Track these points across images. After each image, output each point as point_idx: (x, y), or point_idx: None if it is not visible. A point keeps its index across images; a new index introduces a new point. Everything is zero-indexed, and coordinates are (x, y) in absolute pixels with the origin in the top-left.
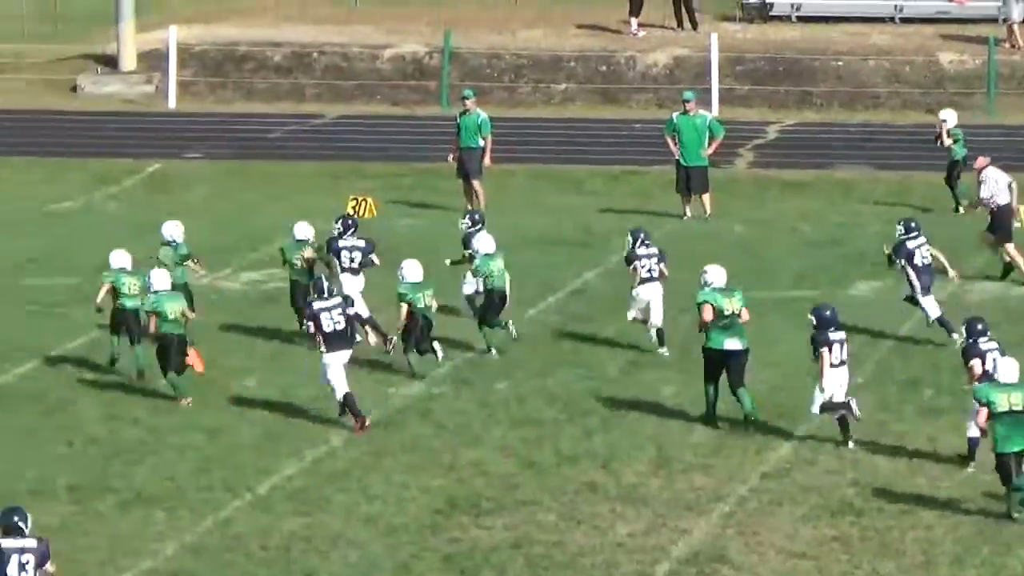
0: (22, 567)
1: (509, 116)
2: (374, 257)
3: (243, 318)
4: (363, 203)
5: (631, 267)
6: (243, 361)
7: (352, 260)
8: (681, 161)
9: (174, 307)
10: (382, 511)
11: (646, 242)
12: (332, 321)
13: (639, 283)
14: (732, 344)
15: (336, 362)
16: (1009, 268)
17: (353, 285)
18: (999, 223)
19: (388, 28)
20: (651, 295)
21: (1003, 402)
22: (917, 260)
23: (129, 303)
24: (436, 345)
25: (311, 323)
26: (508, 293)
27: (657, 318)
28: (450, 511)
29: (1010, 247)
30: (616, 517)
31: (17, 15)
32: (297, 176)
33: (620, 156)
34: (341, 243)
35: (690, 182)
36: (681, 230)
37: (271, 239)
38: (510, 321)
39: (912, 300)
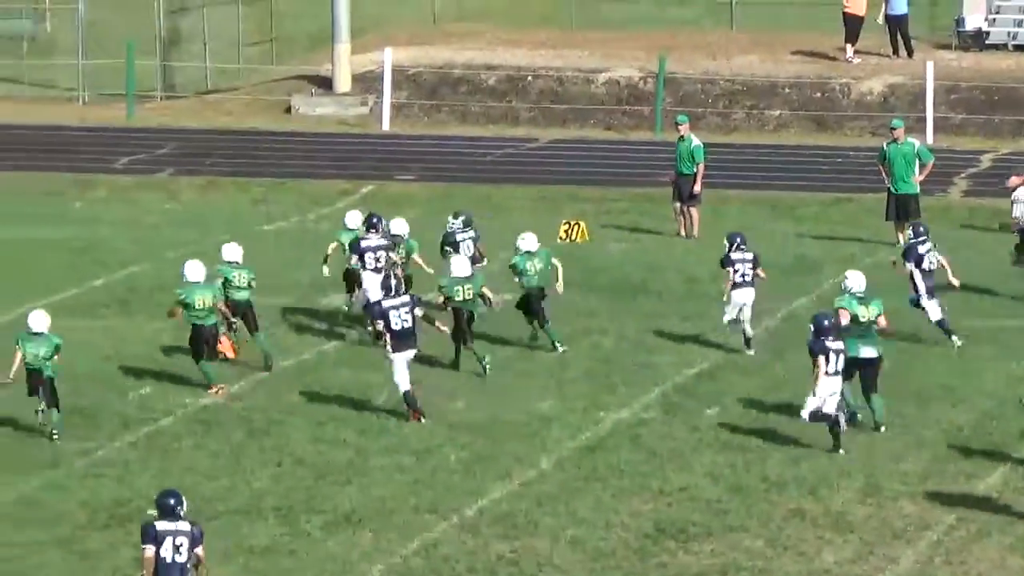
0: (176, 549)
1: (723, 142)
2: (395, 256)
3: (449, 343)
4: (575, 227)
5: (726, 271)
6: (452, 383)
7: (377, 260)
8: (892, 189)
9: (203, 298)
10: (589, 535)
11: (742, 247)
12: (400, 319)
13: (732, 287)
14: (867, 352)
15: (401, 360)
16: None
17: (377, 283)
18: None
19: (603, 52)
20: (744, 299)
21: None
22: (924, 265)
23: (239, 295)
24: (486, 360)
25: (380, 321)
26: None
27: (747, 321)
28: (658, 536)
29: None
30: (823, 544)
31: (234, 36)
32: (510, 199)
33: (833, 183)
34: (364, 243)
35: (900, 210)
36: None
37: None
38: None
39: (916, 303)
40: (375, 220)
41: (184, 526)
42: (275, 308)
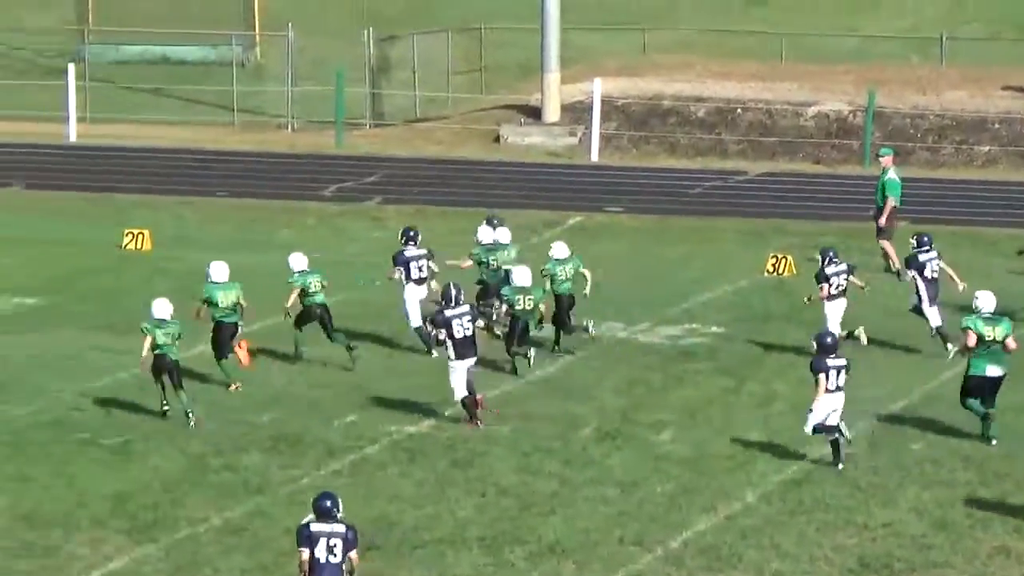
0: (330, 550)
1: (931, 177)
2: (433, 266)
3: (659, 373)
4: (783, 261)
5: (820, 286)
6: (658, 414)
7: (420, 270)
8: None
9: (226, 295)
10: (793, 569)
11: (835, 260)
12: (462, 328)
13: (828, 299)
14: (992, 371)
15: (462, 368)
16: None
17: (417, 294)
18: None
19: (812, 86)
20: (838, 308)
21: None
22: (927, 273)
23: (316, 299)
24: (531, 352)
25: (443, 329)
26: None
27: (835, 327)
28: (861, 571)
29: None
30: None
31: (443, 64)
32: (717, 232)
33: None
34: (407, 253)
35: None
36: None
37: (689, 294)
38: (589, 322)
39: (918, 310)
40: (412, 232)
41: (339, 528)
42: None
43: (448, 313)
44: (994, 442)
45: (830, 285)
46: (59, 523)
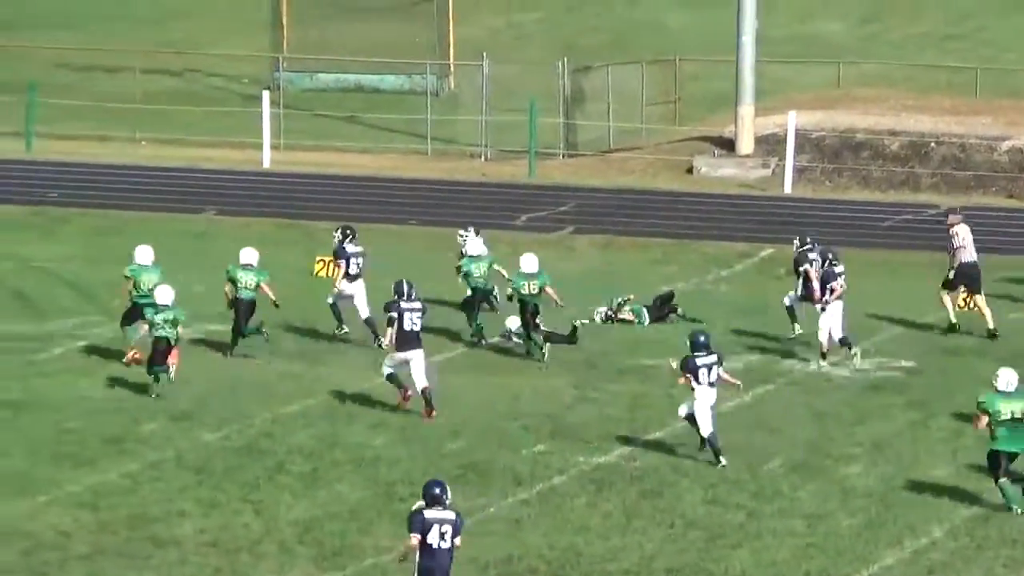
0: (442, 536)
1: None
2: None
3: (849, 406)
4: (969, 300)
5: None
6: (846, 448)
7: (358, 266)
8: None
9: (247, 279)
10: None
11: (835, 262)
12: (411, 321)
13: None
14: (1009, 447)
15: (400, 359)
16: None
17: (355, 288)
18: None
19: (1007, 120)
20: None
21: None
22: (812, 272)
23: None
24: (547, 346)
25: (394, 316)
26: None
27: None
28: None
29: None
30: None
31: (637, 95)
32: (905, 265)
33: None
34: (349, 249)
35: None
36: None
37: (879, 328)
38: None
39: (791, 311)
40: (349, 230)
41: (449, 515)
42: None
43: (403, 305)
44: (1019, 511)
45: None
46: (246, 549)
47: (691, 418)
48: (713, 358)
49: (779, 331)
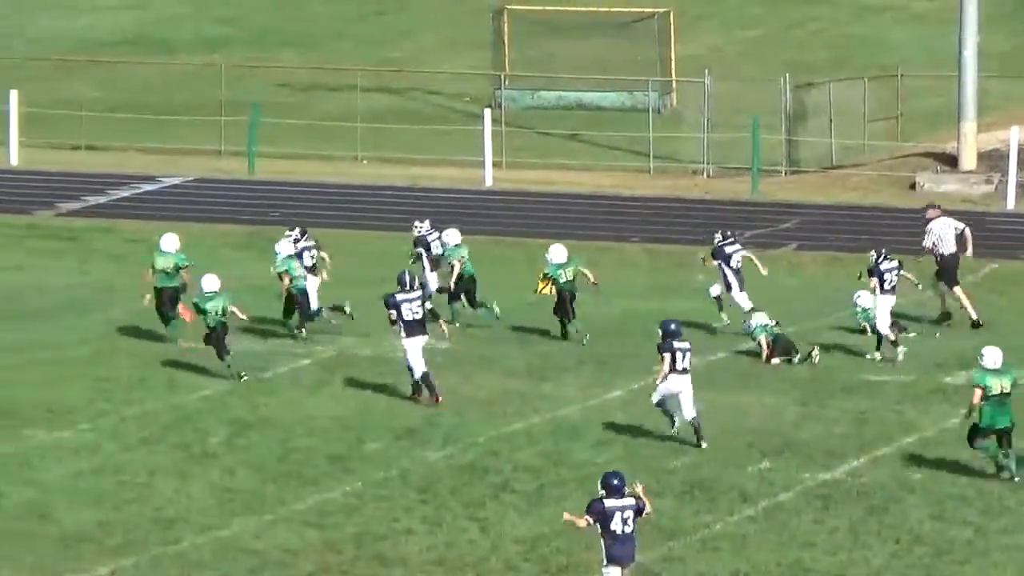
0: (624, 521)
1: None
2: (324, 255)
3: None
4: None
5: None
6: None
7: (313, 259)
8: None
9: (300, 268)
10: None
11: (887, 257)
12: (411, 311)
13: (881, 293)
14: (1001, 422)
15: (413, 346)
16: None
17: (311, 282)
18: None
19: None
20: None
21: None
22: (732, 263)
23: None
24: (587, 335)
25: (393, 311)
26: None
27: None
28: None
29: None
30: None
31: (859, 112)
32: None
33: None
34: (300, 245)
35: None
36: None
37: None
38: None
39: (718, 299)
40: (302, 230)
41: (629, 500)
42: (898, 384)
43: (399, 296)
44: (1016, 479)
45: (882, 281)
46: (472, 567)
47: (661, 404)
48: (687, 344)
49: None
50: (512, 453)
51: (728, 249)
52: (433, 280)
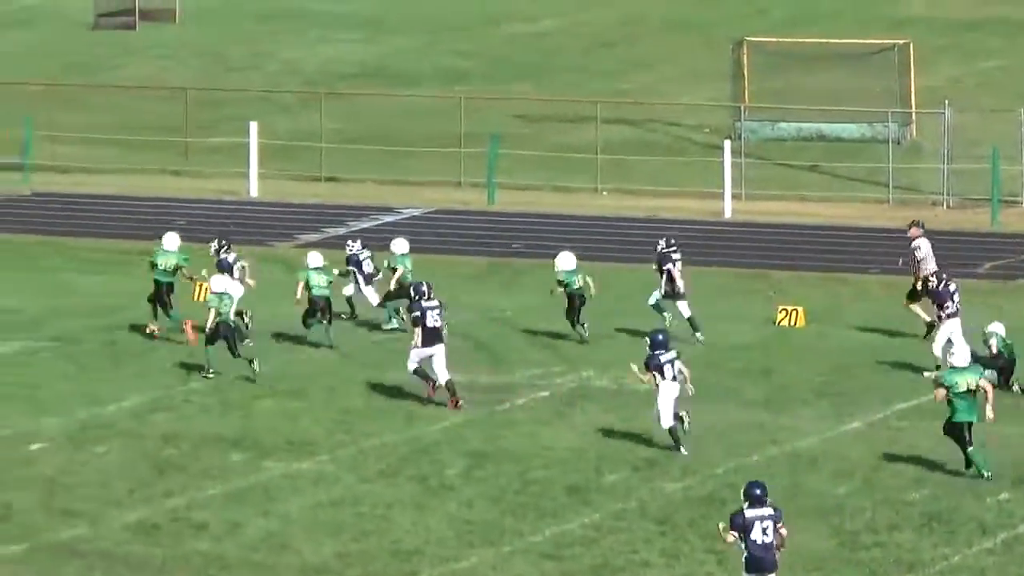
0: (764, 531)
1: None
2: (245, 265)
3: None
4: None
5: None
6: None
7: (239, 271)
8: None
9: (320, 277)
10: None
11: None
12: (434, 319)
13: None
14: (967, 416)
15: (426, 354)
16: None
17: (236, 289)
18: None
19: None
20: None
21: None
22: (675, 271)
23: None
24: (585, 326)
25: (417, 316)
26: None
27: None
28: None
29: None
30: None
31: None
32: None
33: None
34: (224, 256)
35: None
36: None
37: None
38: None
39: (657, 307)
40: (225, 241)
41: (767, 511)
42: None
43: (424, 304)
44: (987, 475)
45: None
46: None
47: (677, 417)
48: (673, 354)
49: None
50: None
51: (673, 256)
52: (371, 294)
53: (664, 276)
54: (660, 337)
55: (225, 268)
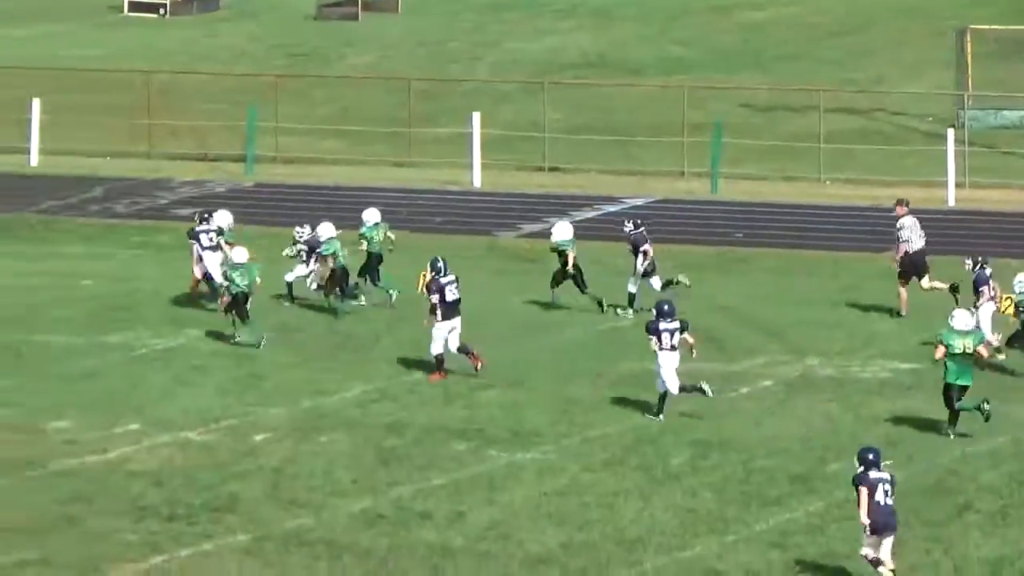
0: (885, 493)
1: None
2: (223, 238)
3: None
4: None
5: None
6: None
7: (211, 240)
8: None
9: (378, 233)
10: None
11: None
12: (452, 292)
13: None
14: (963, 380)
15: (446, 327)
16: None
17: (214, 260)
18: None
19: None
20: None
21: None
22: (644, 247)
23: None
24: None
25: (437, 294)
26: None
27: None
28: None
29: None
30: None
31: None
32: None
33: None
34: (199, 228)
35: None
36: None
37: None
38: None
39: (632, 297)
40: (207, 214)
41: (886, 474)
42: None
43: (442, 280)
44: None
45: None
46: None
47: (685, 388)
48: (676, 324)
49: None
50: (976, 474)
51: (646, 246)
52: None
53: (642, 256)
54: (666, 306)
55: (193, 237)
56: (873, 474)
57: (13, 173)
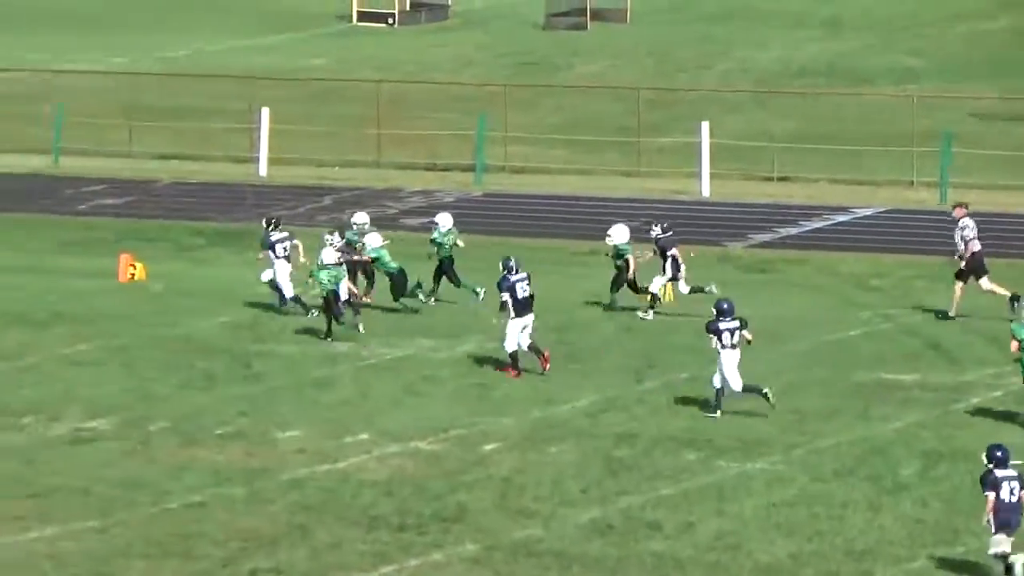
0: (1011, 491)
1: None
2: (298, 244)
3: None
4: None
5: None
6: None
7: (285, 250)
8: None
9: (447, 237)
10: None
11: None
12: (523, 290)
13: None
14: None
15: (519, 324)
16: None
17: (284, 269)
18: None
19: None
20: None
21: None
22: (672, 251)
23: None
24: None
25: (507, 293)
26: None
27: None
28: None
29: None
30: None
31: None
32: None
33: None
34: (273, 238)
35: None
36: None
37: None
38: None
39: (655, 297)
40: (275, 220)
41: (1013, 472)
42: None
43: (512, 278)
44: None
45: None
46: None
47: (748, 389)
48: (736, 323)
49: None
50: None
51: (674, 239)
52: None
53: (670, 261)
54: (725, 305)
55: (268, 247)
56: (1000, 472)
57: (243, 183)
